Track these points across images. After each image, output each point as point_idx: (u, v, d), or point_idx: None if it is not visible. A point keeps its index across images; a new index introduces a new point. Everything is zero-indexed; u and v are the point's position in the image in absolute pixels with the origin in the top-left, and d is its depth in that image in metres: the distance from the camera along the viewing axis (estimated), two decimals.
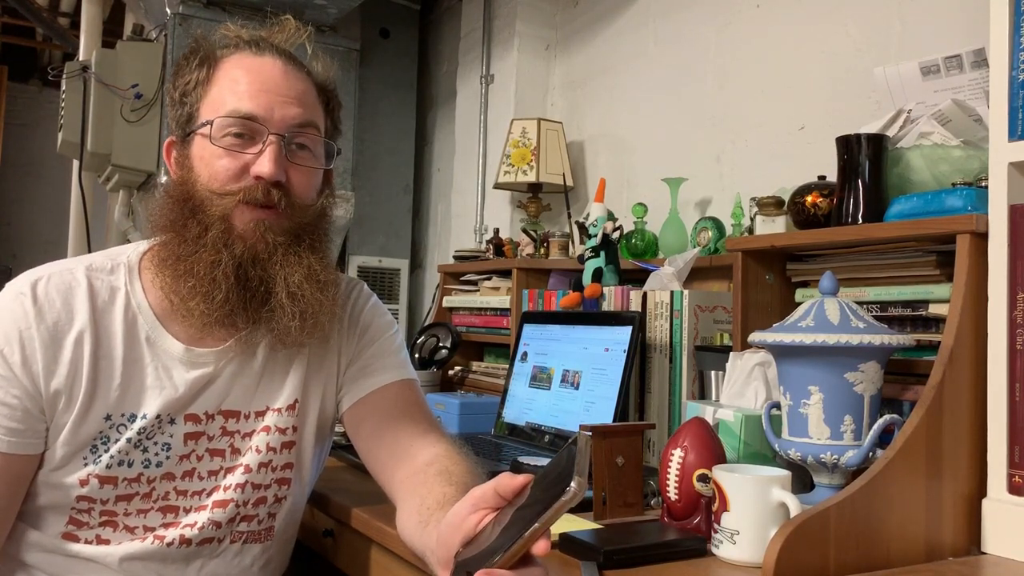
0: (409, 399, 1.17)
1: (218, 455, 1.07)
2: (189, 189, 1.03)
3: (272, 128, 1.03)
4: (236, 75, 1.05)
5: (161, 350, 1.04)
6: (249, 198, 1.02)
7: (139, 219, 2.87)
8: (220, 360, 1.07)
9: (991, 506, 0.99)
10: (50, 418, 1.00)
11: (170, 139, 1.10)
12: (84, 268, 1.05)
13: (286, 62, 1.08)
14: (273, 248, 1.03)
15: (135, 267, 1.07)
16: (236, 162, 1.02)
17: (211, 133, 1.02)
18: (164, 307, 1.06)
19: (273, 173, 1.01)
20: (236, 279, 1.01)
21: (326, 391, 1.15)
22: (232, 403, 1.08)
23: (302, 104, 1.06)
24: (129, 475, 1.02)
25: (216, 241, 1.01)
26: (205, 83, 1.06)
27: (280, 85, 1.05)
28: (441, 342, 2.26)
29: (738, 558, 0.94)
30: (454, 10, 3.06)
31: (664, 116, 2.18)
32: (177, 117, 1.08)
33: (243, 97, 1.03)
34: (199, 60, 1.07)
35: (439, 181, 3.16)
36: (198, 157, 1.04)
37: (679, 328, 1.50)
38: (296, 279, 1.03)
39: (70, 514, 1.02)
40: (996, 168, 1.00)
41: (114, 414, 1.02)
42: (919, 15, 1.57)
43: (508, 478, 0.78)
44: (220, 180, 1.02)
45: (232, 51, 1.07)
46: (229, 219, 1.01)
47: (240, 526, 1.09)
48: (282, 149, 1.03)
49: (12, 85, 5.76)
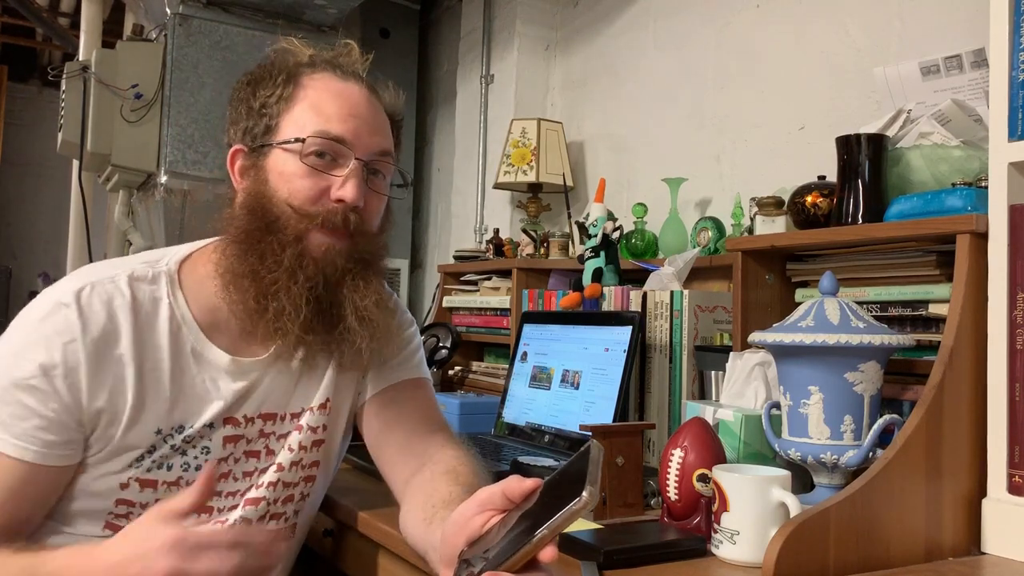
0: (422, 398, 1.18)
1: (254, 456, 1.08)
2: (266, 203, 1.03)
3: (357, 154, 1.04)
4: (324, 97, 1.05)
5: (207, 362, 1.04)
6: (328, 222, 1.02)
7: (139, 219, 2.87)
8: (263, 368, 1.07)
9: (991, 506, 0.99)
10: (90, 430, 0.98)
11: (237, 147, 1.08)
12: (127, 277, 1.01)
13: (370, 91, 1.09)
14: (342, 273, 1.03)
15: (175, 276, 1.05)
16: (320, 183, 1.02)
17: (301, 150, 1.02)
18: (207, 317, 1.05)
19: (356, 198, 1.02)
20: (315, 300, 1.02)
21: (354, 389, 1.16)
22: (271, 406, 1.08)
23: (382, 133, 1.09)
24: (168, 479, 1.02)
25: (292, 262, 1.01)
26: (289, 99, 1.05)
27: (366, 112, 1.06)
28: (441, 342, 2.26)
29: (738, 558, 0.94)
30: (454, 10, 3.06)
31: (664, 116, 2.18)
32: (250, 128, 1.06)
33: (332, 120, 1.03)
34: (285, 75, 1.06)
35: (439, 181, 3.16)
36: (277, 172, 1.03)
37: (679, 328, 1.50)
38: (367, 304, 1.04)
39: (107, 519, 1.01)
40: (996, 168, 1.00)
41: (164, 428, 1.01)
42: (919, 15, 1.57)
43: (517, 481, 0.78)
44: (300, 199, 1.02)
45: (316, 70, 1.07)
46: (304, 240, 1.02)
47: (269, 524, 1.09)
48: (363, 175, 1.04)
49: (12, 85, 5.77)
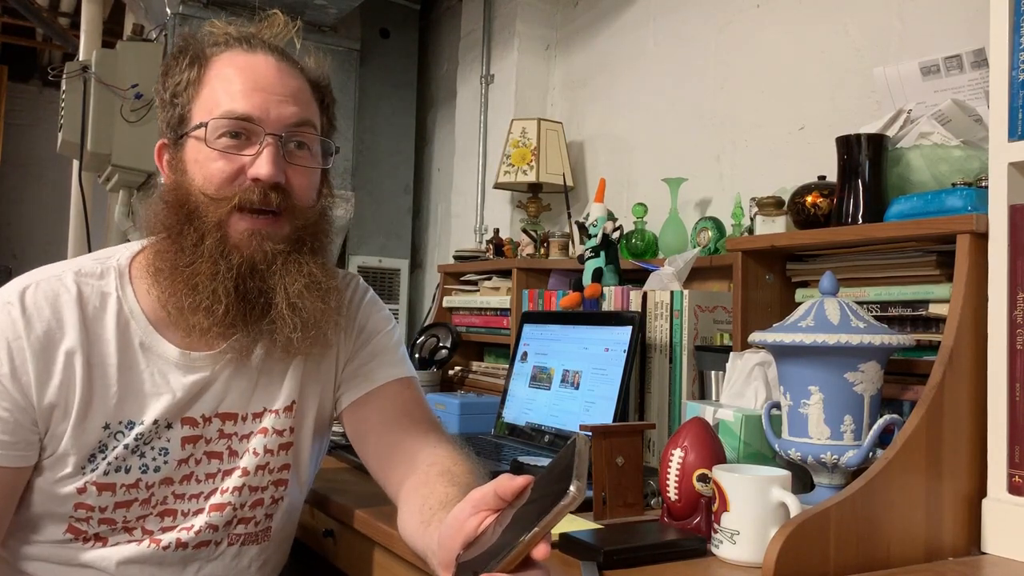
0: (409, 398, 1.15)
1: (216, 458, 1.06)
2: (183, 194, 1.00)
3: (268, 128, 0.99)
4: (228, 74, 1.01)
5: (156, 355, 1.03)
6: (244, 202, 0.98)
7: (139, 219, 2.87)
8: (217, 363, 1.05)
9: (991, 506, 0.99)
10: (44, 430, 0.98)
11: (161, 141, 1.06)
12: (73, 274, 1.01)
13: (279, 59, 1.04)
14: (272, 258, 1.00)
15: (125, 271, 1.04)
16: (232, 164, 0.99)
17: (205, 135, 0.99)
18: (157, 312, 1.03)
19: (272, 174, 0.98)
20: (236, 291, 0.99)
21: (324, 390, 1.13)
22: (229, 405, 1.06)
23: (297, 102, 1.03)
24: (127, 481, 1.01)
25: (212, 251, 0.98)
26: (196, 83, 1.02)
27: (274, 83, 1.01)
28: (441, 342, 2.26)
29: (738, 558, 0.94)
30: (454, 10, 3.06)
31: (664, 116, 2.18)
32: (168, 119, 1.04)
33: (237, 97, 0.99)
34: (189, 59, 1.03)
35: (439, 181, 3.16)
36: (192, 160, 1.01)
37: (679, 328, 1.50)
38: (297, 288, 1.01)
39: (69, 522, 1.00)
40: (996, 168, 1.00)
41: (112, 422, 1.00)
42: (919, 15, 1.57)
43: (508, 480, 0.77)
44: (215, 184, 0.99)
45: (223, 49, 1.04)
46: (224, 227, 0.99)
47: (237, 528, 1.08)
48: (280, 150, 1.00)
49: (12, 85, 5.77)
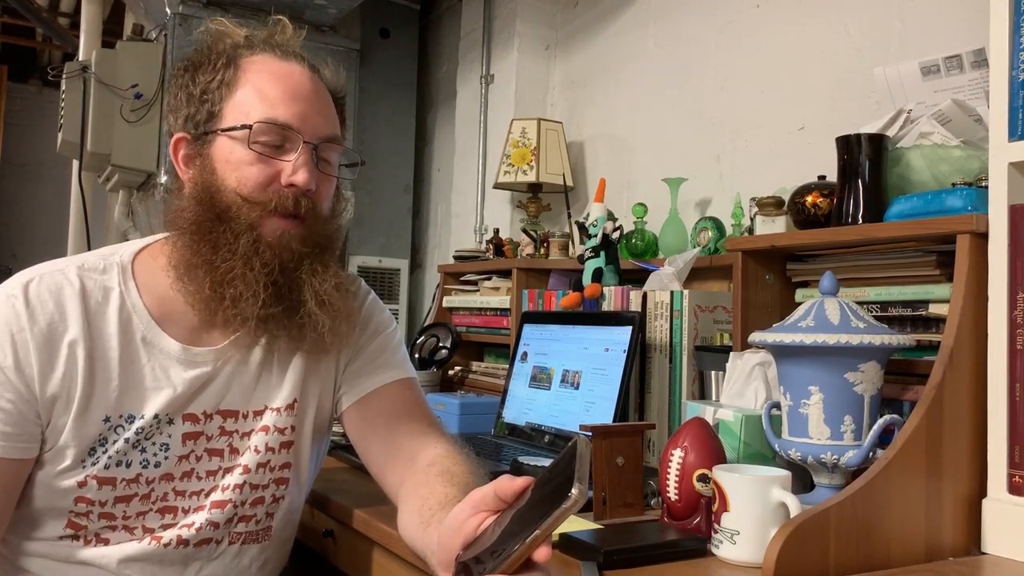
0: (409, 399, 1.16)
1: (216, 455, 1.07)
2: (215, 193, 1.02)
3: (306, 137, 1.03)
4: (265, 79, 1.04)
5: (157, 350, 1.04)
6: (280, 207, 1.02)
7: (139, 219, 2.88)
8: (218, 359, 1.06)
9: (991, 506, 0.99)
10: (46, 421, 0.99)
11: (180, 135, 1.07)
12: (76, 268, 1.03)
13: (311, 71, 1.08)
14: (299, 258, 1.03)
15: (128, 267, 1.06)
16: (269, 169, 1.02)
17: (248, 137, 1.01)
18: (160, 308, 1.05)
19: (308, 182, 1.02)
20: (273, 286, 1.01)
21: (324, 390, 1.14)
22: (230, 402, 1.07)
23: (328, 115, 1.08)
24: (127, 476, 1.01)
25: (247, 249, 1.01)
26: (231, 83, 1.04)
27: (309, 95, 1.06)
28: (441, 342, 2.26)
29: (738, 558, 0.94)
30: (454, 10, 3.06)
31: (664, 116, 2.18)
32: (193, 114, 1.05)
33: (277, 104, 1.03)
34: (225, 59, 1.05)
35: (439, 181, 3.16)
36: (223, 159, 1.03)
37: (679, 328, 1.50)
38: (327, 288, 1.04)
39: (68, 517, 1.01)
40: (996, 168, 1.00)
41: (112, 416, 1.01)
42: (919, 15, 1.57)
43: (508, 481, 0.78)
44: (250, 186, 1.02)
45: (255, 52, 1.06)
46: (257, 228, 1.01)
47: (238, 527, 1.08)
48: (313, 159, 1.05)
49: (12, 85, 5.77)
